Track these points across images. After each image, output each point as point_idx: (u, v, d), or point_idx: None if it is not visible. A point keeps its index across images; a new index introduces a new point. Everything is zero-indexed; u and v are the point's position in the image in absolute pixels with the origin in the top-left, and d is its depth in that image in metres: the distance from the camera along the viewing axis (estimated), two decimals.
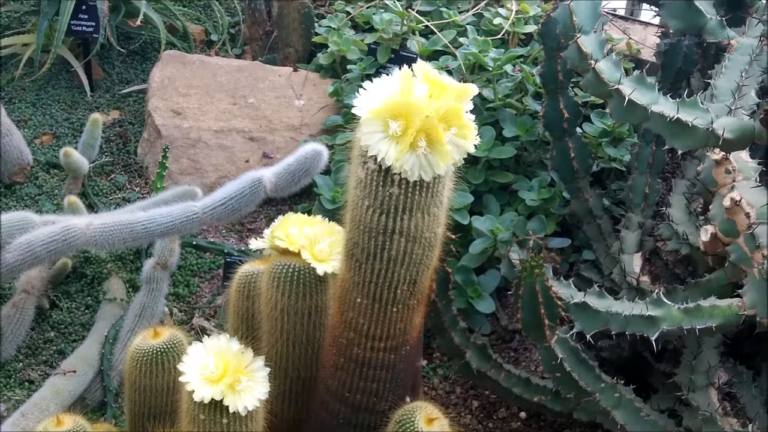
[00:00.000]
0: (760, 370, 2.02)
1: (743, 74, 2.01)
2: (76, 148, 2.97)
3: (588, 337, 1.86)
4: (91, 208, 2.98)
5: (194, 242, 2.82)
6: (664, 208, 2.30)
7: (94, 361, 2.41)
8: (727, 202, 1.83)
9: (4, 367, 2.46)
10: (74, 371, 2.34)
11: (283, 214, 1.88)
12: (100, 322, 2.57)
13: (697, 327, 1.72)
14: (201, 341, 1.64)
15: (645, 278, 2.23)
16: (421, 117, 1.41)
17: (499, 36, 3.27)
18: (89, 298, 2.70)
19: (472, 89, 1.48)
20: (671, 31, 2.46)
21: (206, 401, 1.54)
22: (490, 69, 2.99)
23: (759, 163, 1.94)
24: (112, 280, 2.74)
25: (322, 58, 3.42)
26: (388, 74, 1.50)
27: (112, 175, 3.25)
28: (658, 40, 2.67)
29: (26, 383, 2.44)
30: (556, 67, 2.40)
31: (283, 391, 1.87)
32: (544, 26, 2.38)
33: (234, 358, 1.61)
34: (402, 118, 1.42)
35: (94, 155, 3.11)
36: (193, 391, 1.55)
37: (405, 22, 3.30)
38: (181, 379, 1.57)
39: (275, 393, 1.78)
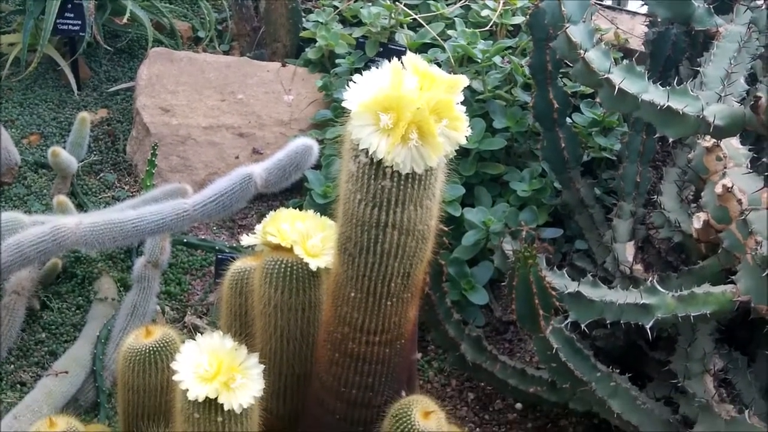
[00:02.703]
0: (755, 356, 2.02)
1: (732, 61, 2.01)
2: (64, 148, 2.95)
3: (583, 326, 1.86)
4: (81, 207, 2.96)
5: (185, 240, 2.81)
6: (655, 197, 2.30)
7: (86, 361, 2.40)
8: (719, 189, 1.82)
9: None
10: (66, 372, 2.33)
11: (274, 210, 1.87)
12: (91, 323, 2.56)
13: (692, 314, 1.72)
14: (194, 339, 1.64)
15: (638, 267, 2.23)
16: (412, 109, 1.41)
17: (487, 28, 3.26)
18: (80, 298, 2.69)
19: (463, 81, 1.47)
20: (659, 20, 2.46)
21: (200, 400, 1.53)
22: (479, 61, 2.98)
23: (749, 150, 1.94)
24: (102, 279, 2.72)
25: (310, 53, 3.41)
26: (377, 68, 1.49)
27: (101, 174, 3.23)
28: (645, 30, 2.67)
29: (18, 385, 2.42)
30: (544, 57, 2.40)
31: (277, 388, 1.86)
32: (533, 17, 2.38)
33: (228, 355, 1.60)
34: (393, 111, 1.41)
35: (82, 154, 3.10)
36: (187, 389, 1.54)
37: (393, 15, 3.28)
38: (175, 377, 1.56)
39: (270, 390, 1.77)
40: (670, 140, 1.90)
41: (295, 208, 1.90)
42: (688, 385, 1.95)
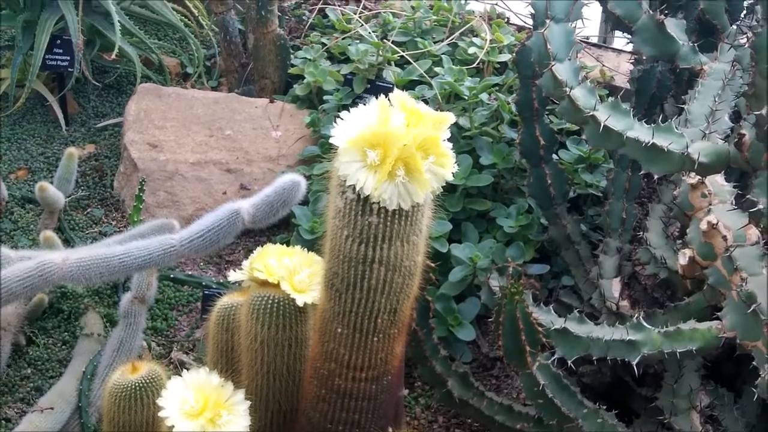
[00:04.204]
0: (741, 393, 2.02)
1: (716, 99, 2.03)
2: (51, 183, 2.95)
3: (569, 363, 1.85)
4: (68, 242, 2.95)
5: (172, 275, 2.80)
6: (641, 233, 2.31)
7: (72, 397, 2.38)
8: (704, 226, 1.83)
9: None
10: (52, 408, 2.31)
11: (262, 246, 1.87)
12: (77, 358, 2.54)
13: (678, 350, 1.72)
14: (180, 375, 1.63)
15: (624, 303, 2.24)
16: (399, 146, 1.41)
17: (474, 65, 3.28)
18: (66, 333, 2.67)
19: (449, 118, 1.48)
20: (644, 58, 2.48)
21: None
22: (466, 98, 3.00)
23: (734, 186, 1.95)
24: (89, 315, 2.71)
25: (298, 89, 3.43)
26: (364, 104, 1.50)
27: (89, 209, 3.22)
28: (630, 67, 2.69)
29: (3, 421, 2.40)
30: (531, 95, 2.41)
31: (263, 424, 1.85)
32: (519, 55, 2.39)
33: (214, 392, 1.60)
34: (380, 147, 1.42)
35: (69, 189, 3.09)
36: (173, 426, 1.54)
37: (380, 52, 3.31)
38: (161, 414, 1.56)
39: (256, 426, 1.76)
40: (656, 177, 1.91)
41: (283, 244, 1.90)
42: (674, 421, 1.94)
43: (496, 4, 3.79)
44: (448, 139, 1.49)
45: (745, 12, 2.46)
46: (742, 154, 1.71)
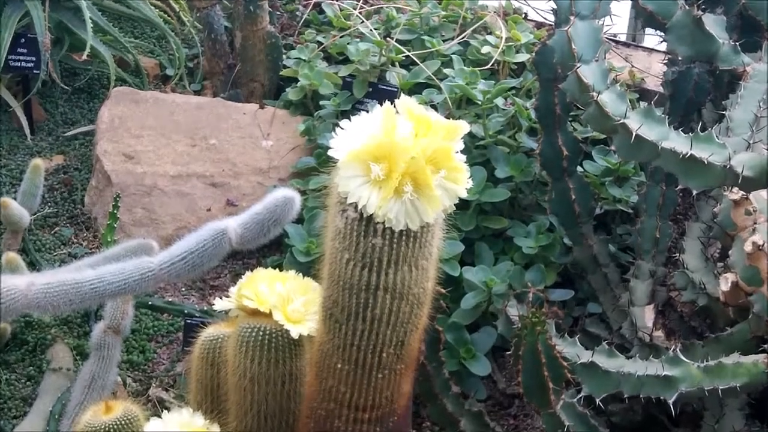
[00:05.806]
0: None
1: (761, 104, 2.02)
2: (14, 199, 2.95)
3: (597, 401, 1.85)
4: (33, 265, 2.95)
5: (150, 302, 2.80)
6: (677, 255, 2.31)
7: None
8: (748, 247, 1.83)
9: None
10: None
11: (251, 269, 1.87)
12: (43, 396, 2.54)
13: (720, 387, 1.71)
14: (160, 416, 1.63)
15: (659, 333, 2.23)
16: (407, 159, 1.41)
17: (488, 66, 3.29)
18: (31, 368, 2.67)
19: (463, 126, 1.48)
20: (679, 58, 2.48)
21: None
22: (479, 103, 3.00)
23: None
24: (57, 347, 2.71)
25: (291, 94, 3.43)
26: (365, 110, 1.50)
27: (56, 228, 3.23)
28: (664, 68, 2.69)
29: None
30: (552, 99, 2.41)
31: None
32: (539, 55, 2.40)
33: None
34: (385, 161, 1.42)
35: (35, 206, 3.08)
36: None
37: (383, 52, 3.31)
38: None
39: None
40: (694, 192, 1.91)
41: (275, 268, 1.90)
42: None
43: None
44: (461, 150, 1.49)
45: None
46: None
